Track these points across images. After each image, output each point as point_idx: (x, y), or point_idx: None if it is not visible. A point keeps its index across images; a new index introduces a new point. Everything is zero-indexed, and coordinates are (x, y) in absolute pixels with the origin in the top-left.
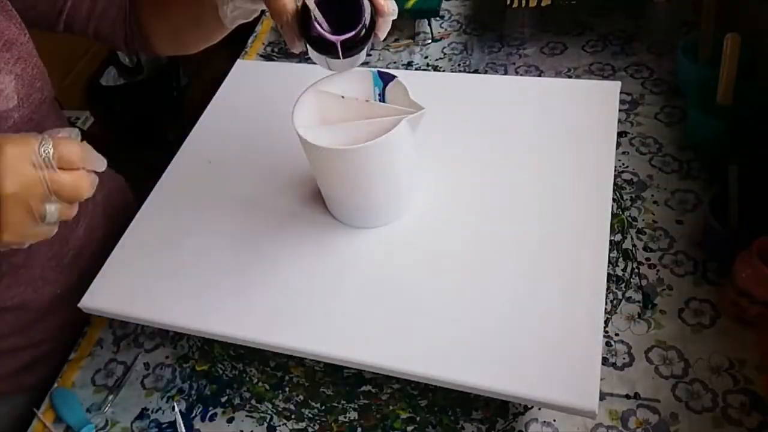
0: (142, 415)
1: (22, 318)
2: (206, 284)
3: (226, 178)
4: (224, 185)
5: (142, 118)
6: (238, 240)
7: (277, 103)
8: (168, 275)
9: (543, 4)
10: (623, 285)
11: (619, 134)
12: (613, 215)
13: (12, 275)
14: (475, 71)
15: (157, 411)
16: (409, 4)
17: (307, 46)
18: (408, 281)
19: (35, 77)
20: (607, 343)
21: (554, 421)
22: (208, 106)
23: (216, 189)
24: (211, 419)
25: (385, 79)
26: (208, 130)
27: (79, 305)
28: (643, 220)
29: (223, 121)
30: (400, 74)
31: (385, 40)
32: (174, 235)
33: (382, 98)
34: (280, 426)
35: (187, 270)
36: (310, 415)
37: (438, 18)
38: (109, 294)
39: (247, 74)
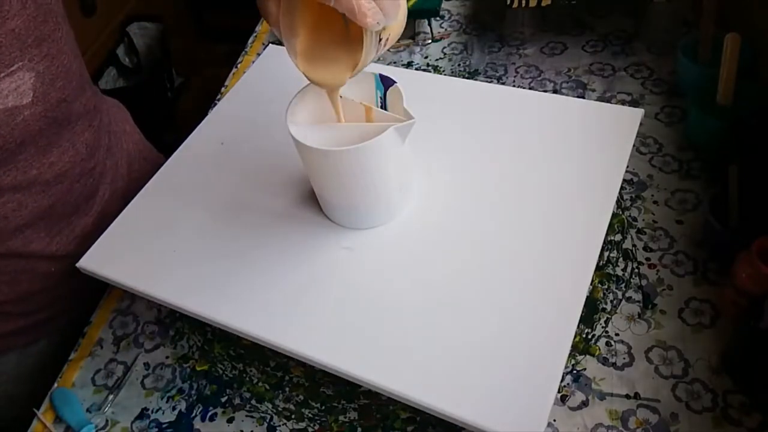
0: (142, 415)
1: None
2: (199, 269)
3: (232, 163)
4: (227, 172)
5: (139, 119)
6: (234, 232)
7: (290, 96)
8: (163, 253)
9: (543, 4)
10: (623, 285)
11: None
12: (613, 215)
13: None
14: (476, 71)
15: (157, 411)
16: (409, 4)
17: None
18: (385, 288)
19: (57, 76)
20: (607, 343)
21: (554, 421)
22: (229, 92)
23: (220, 174)
24: (211, 419)
25: (386, 83)
26: (224, 116)
27: (77, 265)
28: (643, 220)
29: (241, 107)
30: (404, 75)
31: None
32: (174, 216)
33: (384, 102)
34: (280, 426)
35: (182, 252)
36: (310, 415)
37: (438, 18)
38: (107, 259)
39: (276, 61)
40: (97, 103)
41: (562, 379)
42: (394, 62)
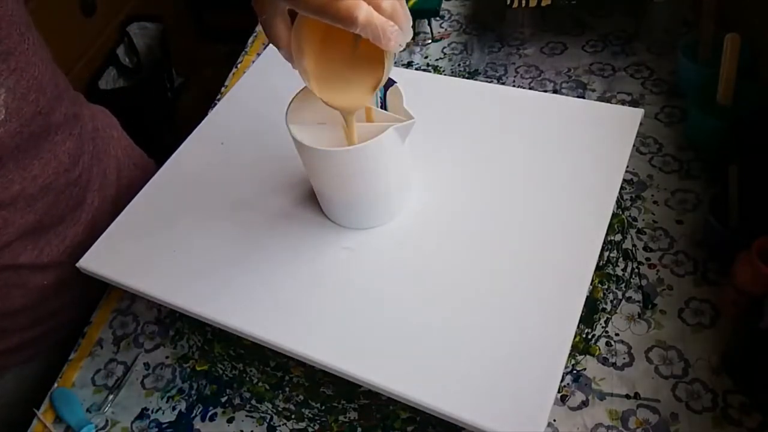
0: (142, 415)
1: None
2: (199, 269)
3: (232, 163)
4: (227, 172)
5: (139, 119)
6: (233, 232)
7: (291, 96)
8: (163, 253)
9: (543, 4)
10: (623, 285)
11: None
12: (613, 215)
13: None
14: (476, 71)
15: (157, 411)
16: (409, 4)
17: None
18: (385, 288)
19: (29, 89)
20: (607, 343)
21: (554, 421)
22: (229, 92)
23: (220, 174)
24: (211, 419)
25: (386, 83)
26: (224, 116)
27: (77, 265)
28: (643, 220)
29: (241, 107)
30: (404, 75)
31: None
32: (174, 216)
33: (384, 102)
34: (280, 426)
35: (182, 252)
36: (310, 415)
37: (438, 18)
38: (107, 259)
39: (276, 61)
40: (77, 110)
41: (562, 379)
42: (395, 62)
